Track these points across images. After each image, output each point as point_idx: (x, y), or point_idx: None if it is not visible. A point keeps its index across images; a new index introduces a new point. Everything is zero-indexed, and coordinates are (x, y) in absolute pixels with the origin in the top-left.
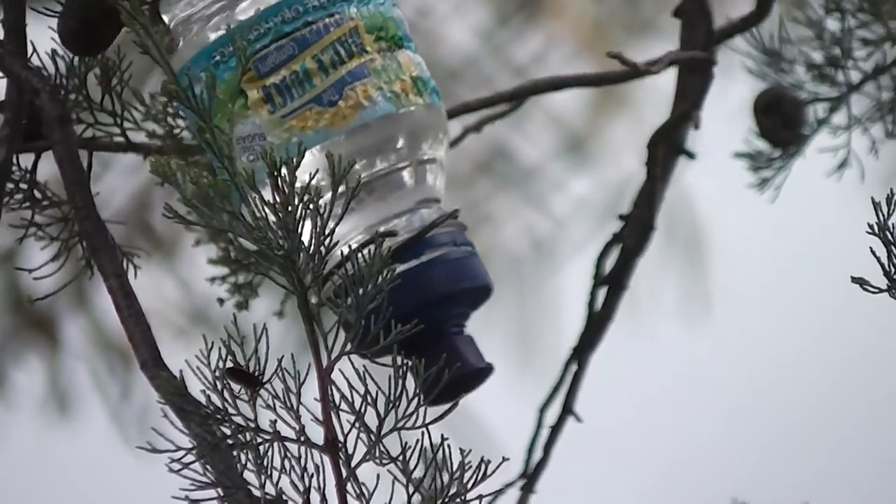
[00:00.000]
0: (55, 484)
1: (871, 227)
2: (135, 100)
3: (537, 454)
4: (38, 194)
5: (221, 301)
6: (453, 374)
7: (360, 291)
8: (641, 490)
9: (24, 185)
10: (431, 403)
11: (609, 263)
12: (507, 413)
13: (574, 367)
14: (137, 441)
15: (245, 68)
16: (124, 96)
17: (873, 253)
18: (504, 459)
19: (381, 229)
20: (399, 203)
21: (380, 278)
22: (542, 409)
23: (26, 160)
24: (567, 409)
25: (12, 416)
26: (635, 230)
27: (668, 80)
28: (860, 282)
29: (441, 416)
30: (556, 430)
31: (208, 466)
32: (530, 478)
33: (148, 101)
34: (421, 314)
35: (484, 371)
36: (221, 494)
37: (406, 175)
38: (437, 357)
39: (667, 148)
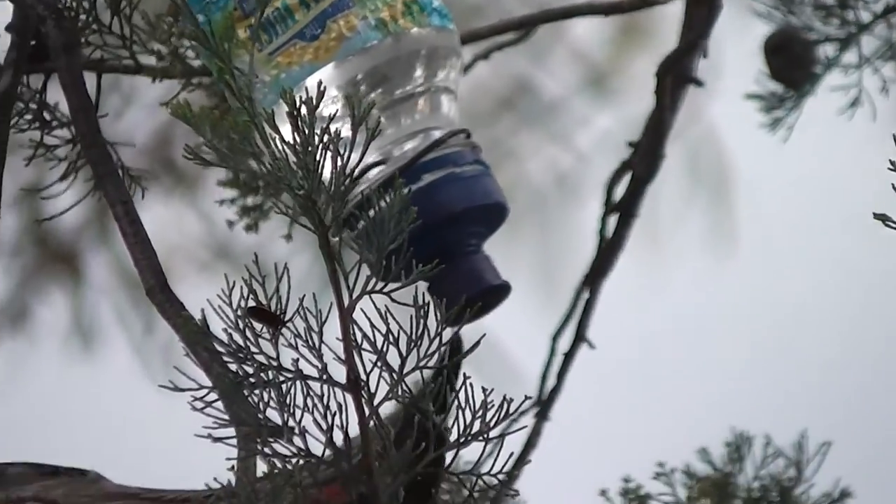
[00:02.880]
0: (78, 418)
1: (892, 163)
2: (143, 22)
3: (551, 381)
4: (47, 115)
5: (231, 223)
6: (470, 291)
7: (381, 231)
8: (658, 421)
9: (33, 106)
10: (450, 324)
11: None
12: (532, 347)
13: (586, 295)
14: (161, 375)
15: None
16: (133, 19)
17: (895, 189)
18: (526, 398)
19: (396, 152)
20: (410, 127)
21: (400, 219)
22: (555, 337)
23: (36, 81)
24: (580, 337)
25: (35, 351)
26: (645, 158)
27: None
28: (882, 218)
29: (463, 355)
30: (569, 357)
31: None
32: (544, 405)
33: (153, 21)
34: (435, 233)
35: (501, 288)
36: (244, 433)
37: (418, 102)
38: (453, 275)
39: (675, 77)
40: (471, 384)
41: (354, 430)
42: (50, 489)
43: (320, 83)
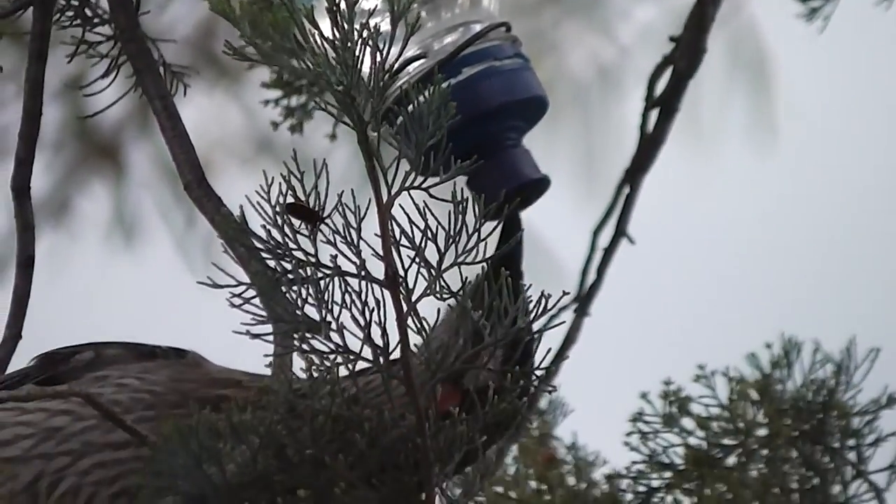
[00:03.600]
0: (119, 311)
1: None
2: None
3: (591, 277)
4: (88, 12)
5: (275, 125)
6: (509, 185)
7: (420, 127)
8: (701, 321)
9: (74, 3)
10: (490, 218)
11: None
12: (574, 240)
13: (626, 190)
14: (202, 270)
15: None
16: None
17: None
18: (564, 294)
19: (435, 46)
20: (451, 20)
21: (439, 114)
22: (596, 232)
23: None
24: (620, 232)
25: (77, 244)
26: (687, 52)
27: None
28: None
29: (501, 250)
30: (609, 252)
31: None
32: (583, 301)
33: None
34: (475, 127)
35: (540, 182)
36: (282, 329)
37: None
38: (493, 169)
39: None
40: (509, 280)
41: (392, 326)
42: (151, 371)
43: None
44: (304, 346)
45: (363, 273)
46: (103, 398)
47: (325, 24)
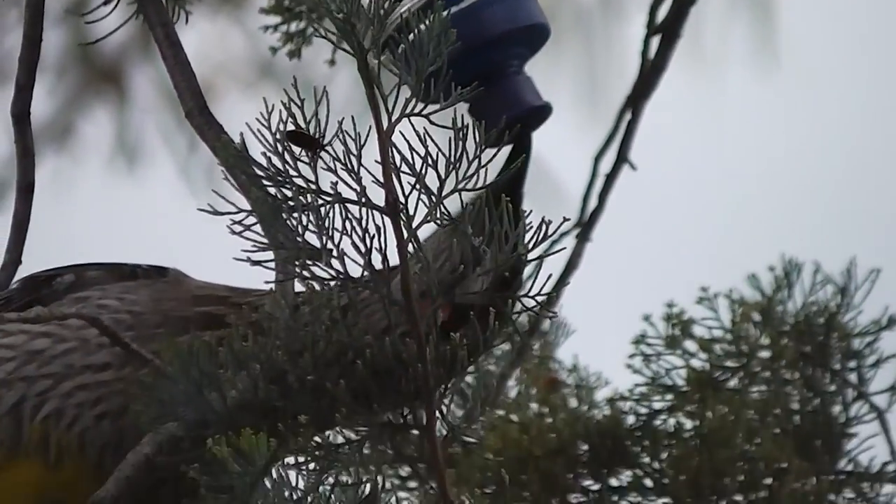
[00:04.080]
0: (121, 236)
1: None
2: None
3: (592, 203)
4: None
5: (274, 50)
6: (511, 112)
7: (420, 54)
8: (702, 245)
9: None
10: (492, 144)
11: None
12: (576, 167)
13: (628, 116)
14: (205, 195)
15: None
16: None
17: None
18: (564, 220)
19: None
20: None
21: (439, 41)
22: (597, 158)
23: None
24: (622, 158)
25: (80, 169)
26: None
27: None
28: None
29: (502, 176)
30: (610, 178)
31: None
32: (585, 226)
33: None
34: (476, 55)
35: (542, 109)
36: (283, 256)
37: None
38: (494, 96)
39: None
40: (510, 205)
41: (393, 252)
42: (132, 290)
43: None
44: (305, 273)
45: (364, 200)
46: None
47: None
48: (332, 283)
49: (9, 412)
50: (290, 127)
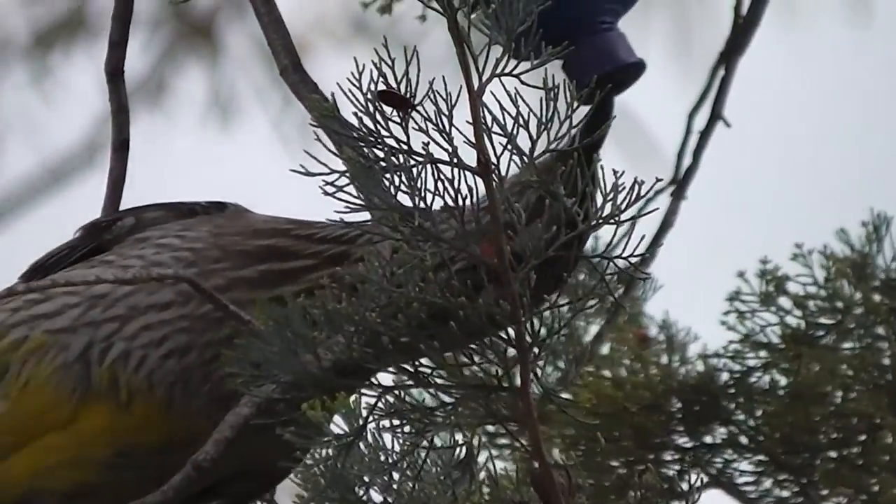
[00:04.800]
0: (215, 193)
1: None
2: None
3: (687, 160)
4: None
5: (365, 5)
6: (605, 68)
7: (510, 12)
8: (796, 201)
9: None
10: (584, 102)
11: None
12: (670, 124)
13: (721, 72)
14: (299, 151)
15: None
16: None
17: None
18: (657, 180)
19: None
20: None
21: (529, 0)
22: (691, 115)
23: None
24: (715, 115)
25: (174, 125)
26: None
27: None
28: None
29: (593, 135)
30: (704, 135)
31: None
32: (679, 185)
33: None
34: (570, 10)
35: (636, 66)
36: (375, 217)
37: None
38: (586, 53)
39: None
40: (602, 166)
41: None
42: (192, 227)
43: None
44: (397, 234)
45: (455, 160)
46: (145, 260)
47: None
48: (424, 243)
49: (77, 358)
50: (382, 87)
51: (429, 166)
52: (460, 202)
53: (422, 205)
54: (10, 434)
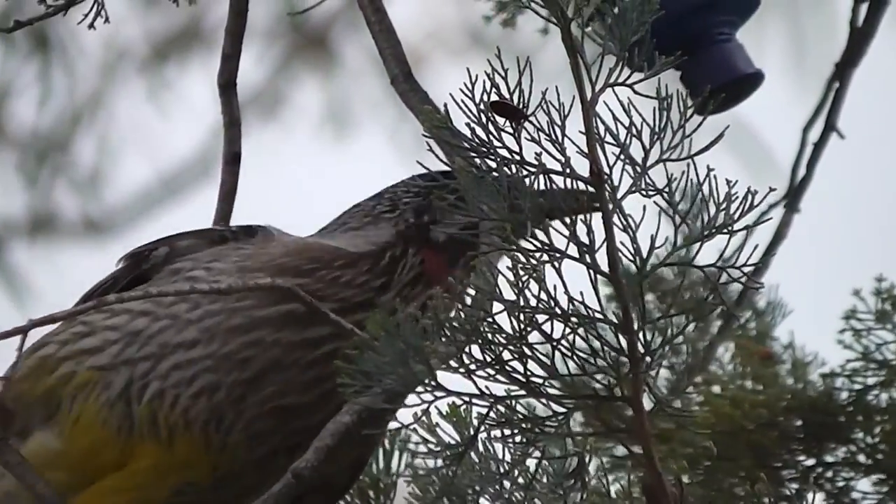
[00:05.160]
0: (329, 206)
1: None
2: None
3: (801, 172)
4: None
5: (487, 18)
6: (723, 79)
7: (623, 23)
8: None
9: None
10: (702, 112)
11: None
12: (785, 134)
13: (836, 84)
14: (412, 162)
15: None
16: None
17: None
18: (771, 190)
19: None
20: None
21: (643, 9)
22: (806, 128)
23: None
24: (830, 126)
25: (287, 137)
26: None
27: None
28: None
29: (707, 147)
30: (819, 147)
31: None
32: (793, 196)
33: None
34: (688, 21)
35: (754, 76)
36: (488, 227)
37: None
38: (704, 63)
39: None
40: (715, 176)
41: (598, 223)
42: (220, 258)
43: None
44: (510, 244)
45: (568, 170)
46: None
47: None
48: (537, 253)
49: (119, 396)
50: (495, 97)
51: (541, 176)
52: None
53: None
54: (67, 470)
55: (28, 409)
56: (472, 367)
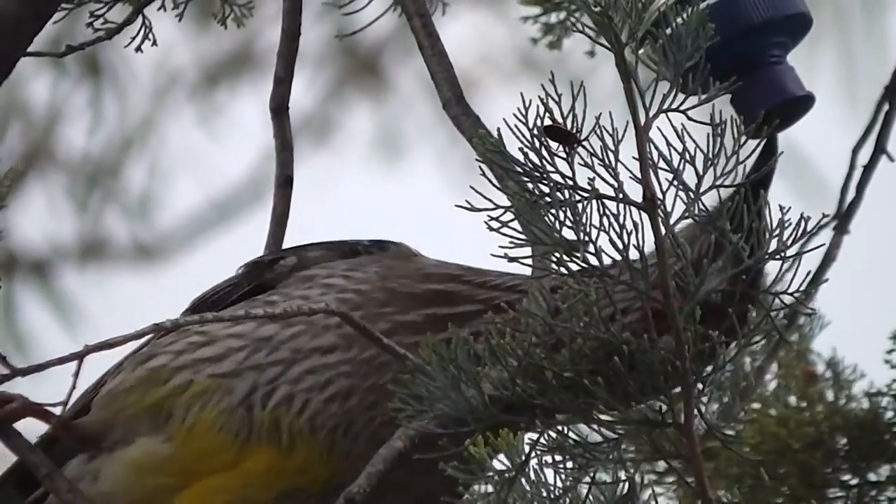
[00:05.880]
0: (381, 230)
1: None
2: None
3: (850, 194)
4: None
5: (535, 41)
6: (774, 101)
7: (678, 48)
8: None
9: None
10: (754, 136)
11: None
12: (835, 157)
13: (886, 107)
14: (464, 188)
15: None
16: None
17: None
18: (823, 216)
19: None
20: None
21: (697, 35)
22: (855, 150)
23: None
24: (879, 149)
25: (339, 161)
26: None
27: None
28: None
29: (760, 171)
30: (868, 169)
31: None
32: (843, 218)
33: None
34: (738, 43)
35: (805, 99)
36: (540, 252)
37: None
38: (755, 86)
39: None
40: (768, 202)
41: (650, 249)
42: (358, 268)
43: None
44: (562, 269)
45: (621, 196)
46: (310, 300)
47: None
48: (589, 278)
49: (241, 402)
50: (548, 122)
51: (594, 201)
52: (625, 238)
53: (586, 240)
54: (175, 476)
55: (132, 420)
56: (523, 391)
